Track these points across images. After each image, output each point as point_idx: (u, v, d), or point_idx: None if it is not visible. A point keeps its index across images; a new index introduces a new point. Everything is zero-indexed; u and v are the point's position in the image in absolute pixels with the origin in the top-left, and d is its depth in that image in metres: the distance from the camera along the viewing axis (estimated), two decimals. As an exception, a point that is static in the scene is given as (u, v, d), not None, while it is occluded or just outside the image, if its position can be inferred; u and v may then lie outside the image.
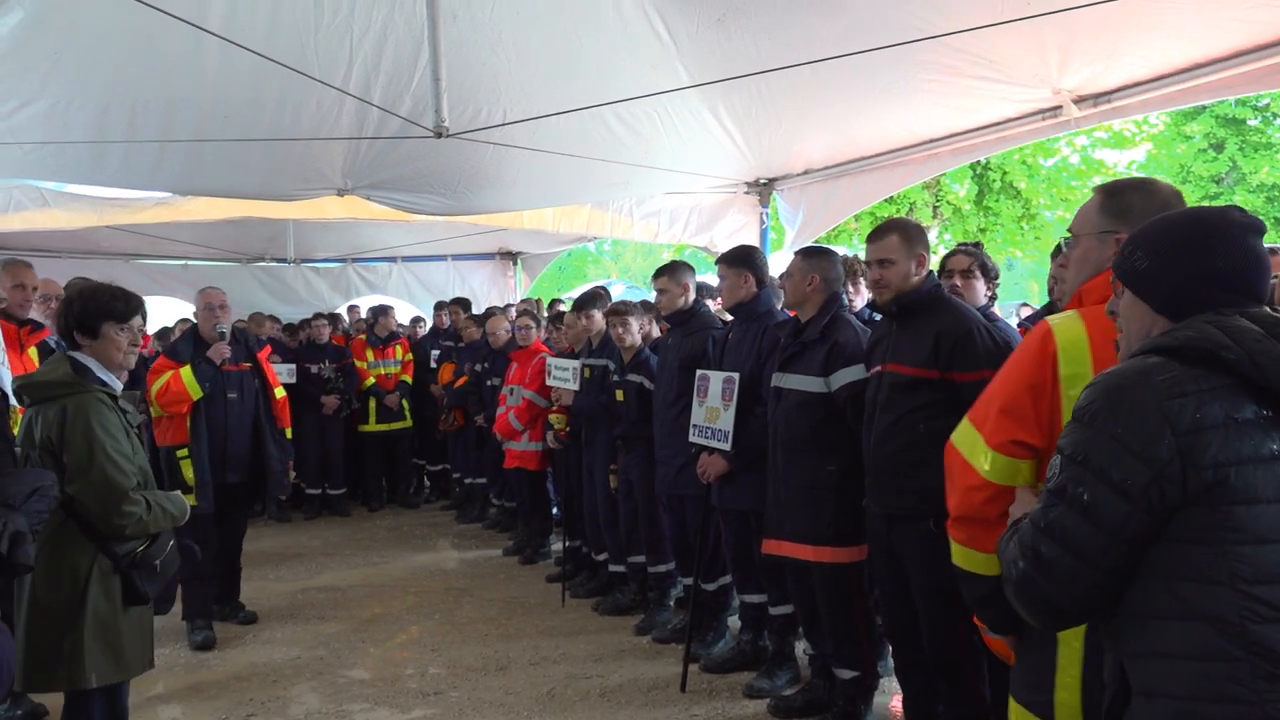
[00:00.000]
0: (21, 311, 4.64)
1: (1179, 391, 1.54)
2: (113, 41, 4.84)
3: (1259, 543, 1.51)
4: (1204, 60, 4.18)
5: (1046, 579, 1.61)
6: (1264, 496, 1.52)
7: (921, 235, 3.72)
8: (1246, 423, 1.53)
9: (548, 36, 5.31)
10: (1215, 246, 1.69)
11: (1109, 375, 1.64)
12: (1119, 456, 1.55)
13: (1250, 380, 1.54)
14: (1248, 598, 1.50)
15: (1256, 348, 1.54)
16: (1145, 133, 18.32)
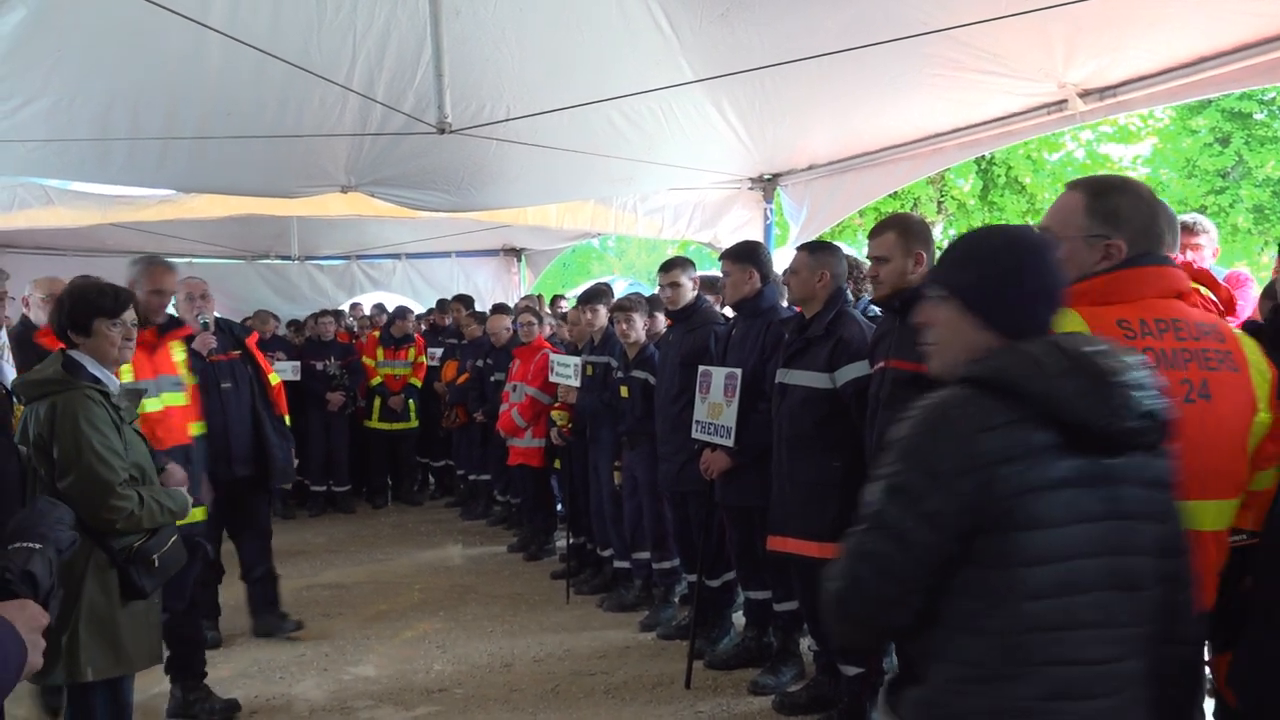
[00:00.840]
0: (155, 317, 4.55)
1: (987, 425, 1.64)
2: (115, 39, 4.84)
3: (1036, 564, 1.63)
4: (1210, 54, 4.16)
5: (861, 599, 1.72)
6: (1044, 522, 1.63)
7: (921, 233, 3.70)
8: (1040, 449, 1.64)
9: (550, 32, 5.31)
10: (1029, 266, 1.82)
11: (928, 408, 1.72)
12: (931, 489, 1.65)
13: (1048, 410, 1.65)
14: (1017, 613, 1.63)
15: (1056, 383, 1.65)
16: (1150, 127, 18.30)
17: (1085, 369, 1.66)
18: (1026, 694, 1.64)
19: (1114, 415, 1.65)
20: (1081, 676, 1.66)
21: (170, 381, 4.55)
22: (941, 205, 16.59)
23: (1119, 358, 1.71)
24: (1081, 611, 1.65)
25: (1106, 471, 1.68)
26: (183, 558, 3.42)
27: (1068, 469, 1.65)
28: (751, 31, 5.03)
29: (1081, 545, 1.65)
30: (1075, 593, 1.65)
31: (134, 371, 4.28)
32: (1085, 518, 1.66)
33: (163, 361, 4.54)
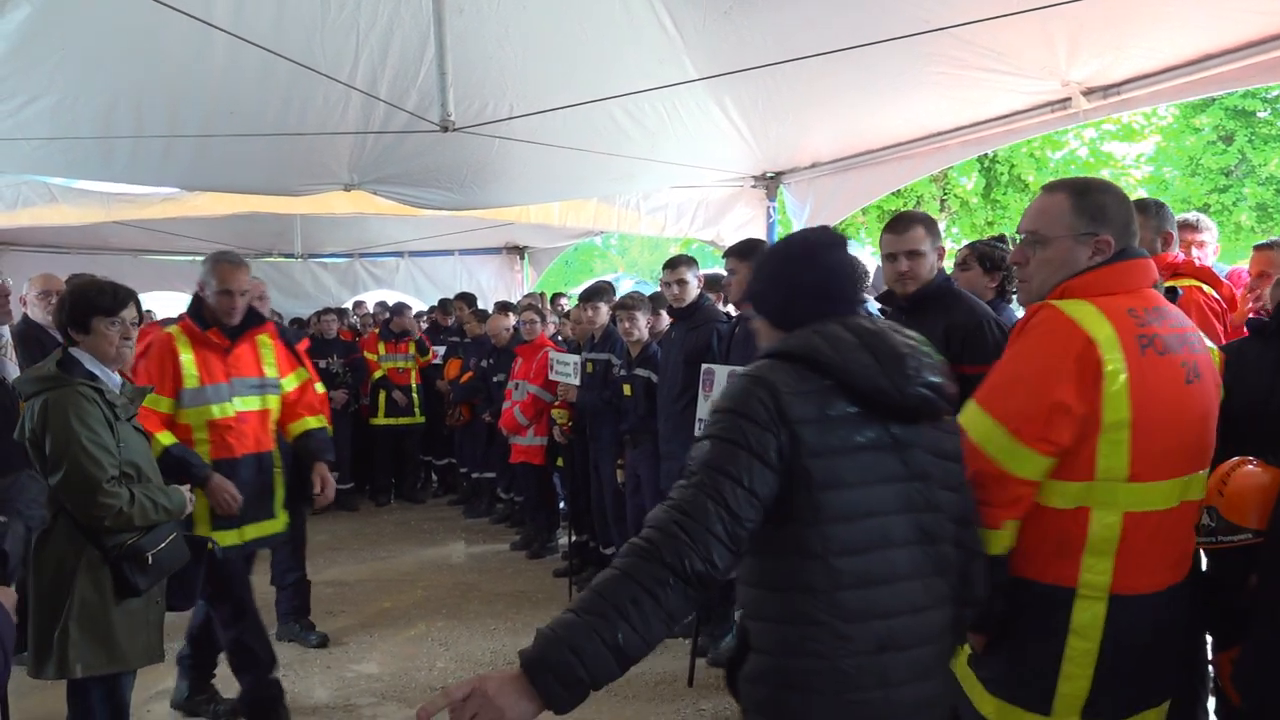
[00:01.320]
0: (227, 318, 4.23)
1: (789, 389, 1.79)
2: (119, 37, 4.85)
3: (843, 521, 1.78)
4: (1213, 51, 4.16)
5: (716, 549, 1.72)
6: (847, 481, 1.79)
7: (938, 227, 3.73)
8: (838, 418, 1.81)
9: (553, 30, 5.31)
10: (806, 264, 1.99)
11: (745, 375, 1.86)
12: (757, 433, 1.76)
13: (843, 382, 1.81)
14: (834, 569, 1.76)
15: (849, 355, 1.82)
16: (1154, 125, 18.27)
17: (873, 345, 1.84)
18: (858, 648, 1.76)
19: (902, 385, 1.83)
20: (904, 627, 1.80)
21: (247, 384, 4.30)
22: (945, 203, 16.57)
23: (902, 337, 1.91)
24: (896, 565, 1.81)
25: (902, 438, 1.86)
26: (184, 556, 3.42)
27: (867, 435, 1.83)
28: (755, 29, 5.03)
29: (888, 503, 1.82)
30: (888, 547, 1.81)
31: (203, 375, 4.14)
32: (889, 478, 1.83)
33: (240, 363, 4.29)
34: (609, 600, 1.68)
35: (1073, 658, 2.10)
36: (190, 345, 4.17)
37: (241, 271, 4.26)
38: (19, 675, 3.68)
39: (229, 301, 4.21)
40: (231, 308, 4.22)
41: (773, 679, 1.81)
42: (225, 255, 4.34)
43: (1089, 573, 2.09)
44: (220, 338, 4.22)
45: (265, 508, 4.36)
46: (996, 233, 9.66)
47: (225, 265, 4.23)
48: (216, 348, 4.21)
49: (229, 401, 4.20)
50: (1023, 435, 2.06)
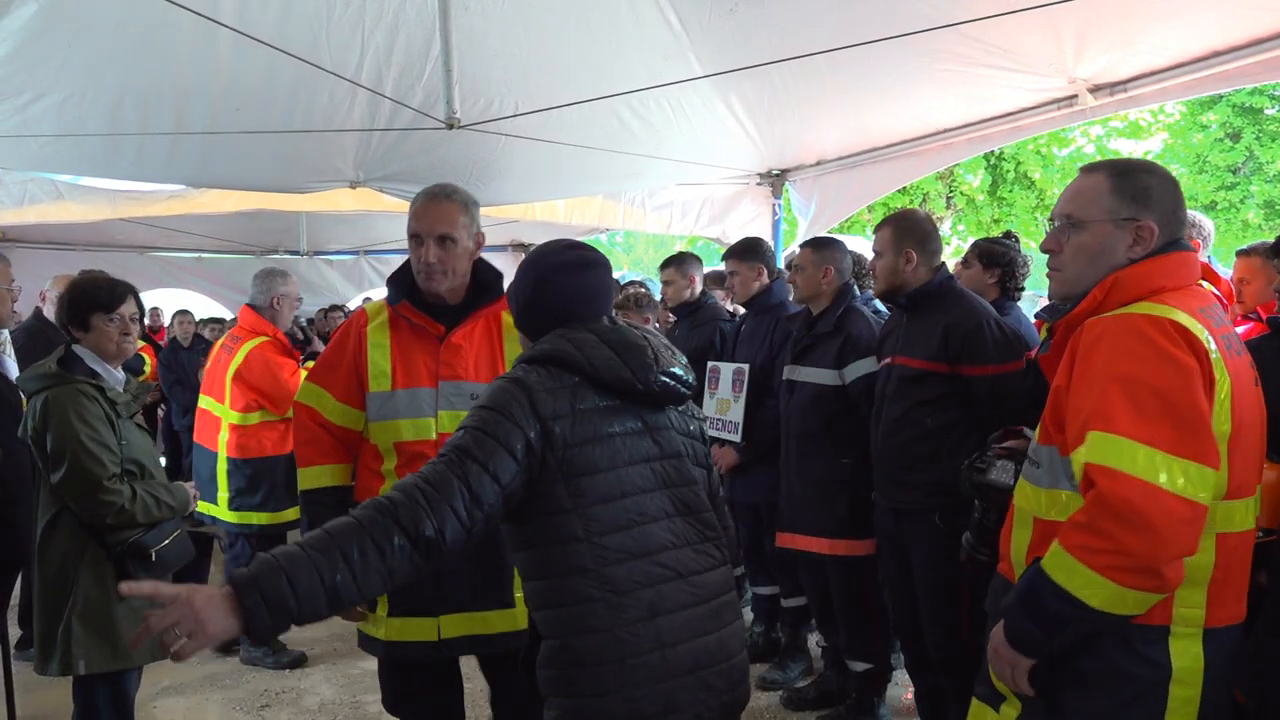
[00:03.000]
0: (433, 286, 2.87)
1: (542, 388, 1.97)
2: (125, 34, 4.85)
3: (603, 503, 1.95)
4: (1221, 48, 4.14)
5: (449, 522, 1.84)
6: (602, 466, 1.97)
7: (913, 231, 3.61)
8: (589, 410, 1.99)
9: (559, 27, 5.30)
10: (544, 286, 2.15)
11: (501, 381, 2.02)
12: (506, 428, 1.91)
13: (590, 377, 2.01)
14: (599, 547, 1.93)
15: (592, 352, 2.02)
16: (1161, 122, 18.22)
17: (613, 342, 2.04)
18: (632, 616, 1.92)
19: (644, 374, 2.02)
20: (674, 591, 1.97)
21: (462, 393, 2.85)
22: (951, 201, 16.54)
23: (640, 333, 2.11)
24: (656, 537, 1.99)
25: (652, 421, 2.08)
26: (189, 553, 3.43)
27: (621, 423, 2.03)
28: (760, 26, 5.02)
29: (642, 481, 2.01)
30: (646, 522, 1.99)
31: (397, 374, 2.85)
32: (642, 459, 2.03)
33: (457, 360, 2.88)
34: (337, 543, 1.77)
35: (1176, 709, 1.87)
36: (387, 329, 2.88)
37: (448, 208, 2.79)
38: (25, 671, 3.70)
39: (427, 255, 2.76)
40: (433, 268, 2.77)
41: (561, 658, 1.94)
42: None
43: (1183, 606, 1.87)
44: (429, 321, 2.84)
45: (490, 586, 2.80)
46: (1003, 230, 9.65)
47: (421, 199, 2.86)
48: (424, 335, 2.86)
49: (431, 416, 2.80)
50: (1199, 454, 1.78)
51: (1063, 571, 1.80)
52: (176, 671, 4.89)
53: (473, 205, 2.87)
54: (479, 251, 2.91)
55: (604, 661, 1.91)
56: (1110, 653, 1.90)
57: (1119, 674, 1.89)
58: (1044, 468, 2.03)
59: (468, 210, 2.84)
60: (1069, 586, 1.79)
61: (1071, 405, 1.91)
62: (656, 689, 1.92)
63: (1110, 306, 1.97)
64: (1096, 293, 1.99)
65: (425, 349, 2.85)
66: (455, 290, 2.86)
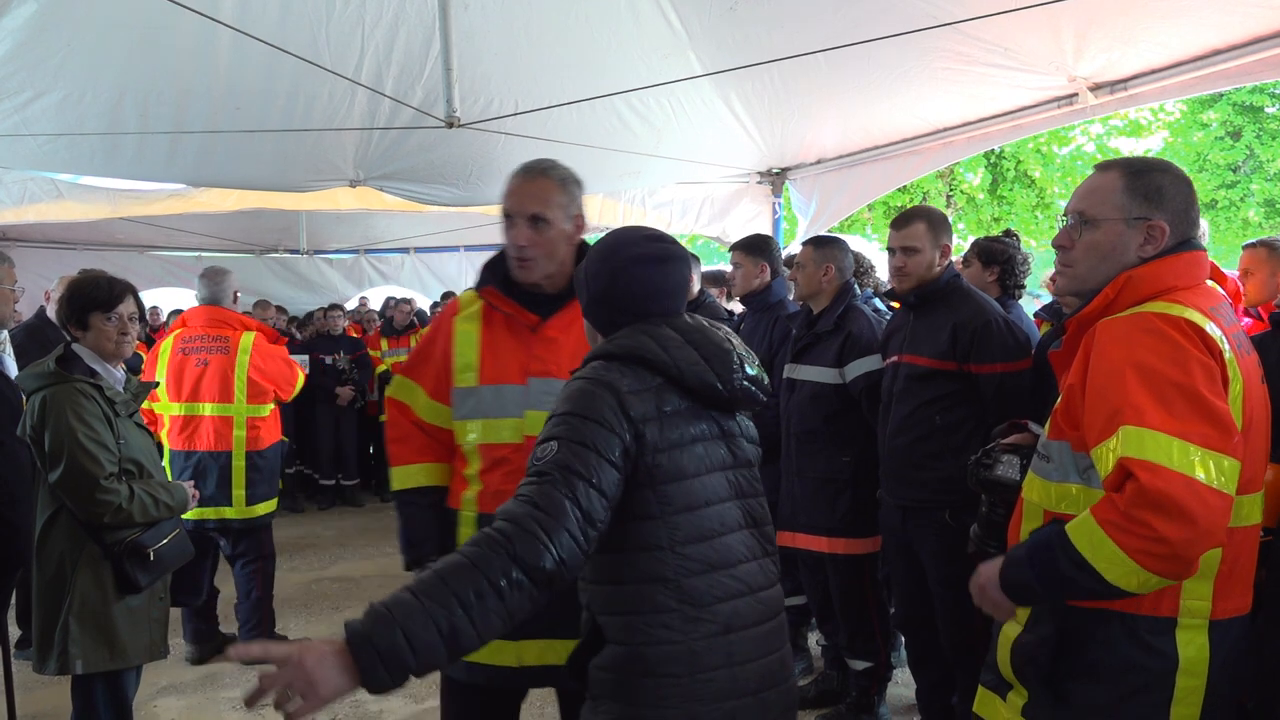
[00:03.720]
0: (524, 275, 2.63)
1: (629, 389, 1.86)
2: (125, 33, 4.85)
3: (687, 510, 1.87)
4: (1221, 47, 4.13)
5: (569, 532, 1.72)
6: (689, 473, 1.88)
7: (946, 225, 3.69)
8: (673, 414, 1.89)
9: (559, 26, 5.30)
10: (621, 275, 2.01)
11: (581, 381, 1.90)
12: (603, 436, 1.80)
13: (673, 379, 1.90)
14: (681, 557, 1.84)
15: (679, 355, 1.91)
16: (1161, 120, 18.23)
17: (697, 343, 1.94)
18: (706, 630, 1.84)
19: (728, 379, 1.93)
20: (747, 607, 1.90)
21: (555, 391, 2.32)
22: (951, 199, 16.54)
23: (721, 334, 2.00)
24: (734, 549, 1.91)
25: (726, 428, 1.99)
26: (188, 552, 3.43)
27: (699, 427, 1.93)
28: (760, 25, 5.01)
29: (721, 490, 1.93)
30: (725, 533, 1.91)
31: (485, 367, 2.59)
32: (720, 466, 1.95)
33: (550, 354, 2.59)
34: (452, 588, 1.62)
35: (1182, 699, 1.89)
36: (478, 319, 2.63)
37: (543, 185, 2.55)
38: (25, 670, 3.71)
39: (517, 238, 2.50)
40: (524, 251, 2.51)
41: (627, 666, 1.84)
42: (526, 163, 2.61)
43: (1190, 598, 1.89)
44: (519, 309, 2.58)
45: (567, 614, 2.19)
46: (1003, 228, 9.66)
47: (515, 175, 2.57)
48: (516, 326, 2.59)
49: (518, 416, 2.53)
50: (1228, 448, 1.78)
51: (1088, 542, 1.80)
52: (175, 671, 4.89)
53: (572, 183, 2.60)
54: (581, 234, 2.63)
55: (673, 674, 1.82)
56: (1117, 643, 1.91)
57: (1126, 664, 1.91)
58: (1055, 462, 2.03)
59: (565, 188, 2.56)
60: (1090, 557, 1.79)
61: (1091, 402, 1.90)
62: (721, 706, 1.84)
63: (1122, 305, 1.97)
64: (1108, 291, 1.99)
65: (516, 341, 2.57)
66: (553, 277, 2.56)
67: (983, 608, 2.06)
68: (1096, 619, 1.93)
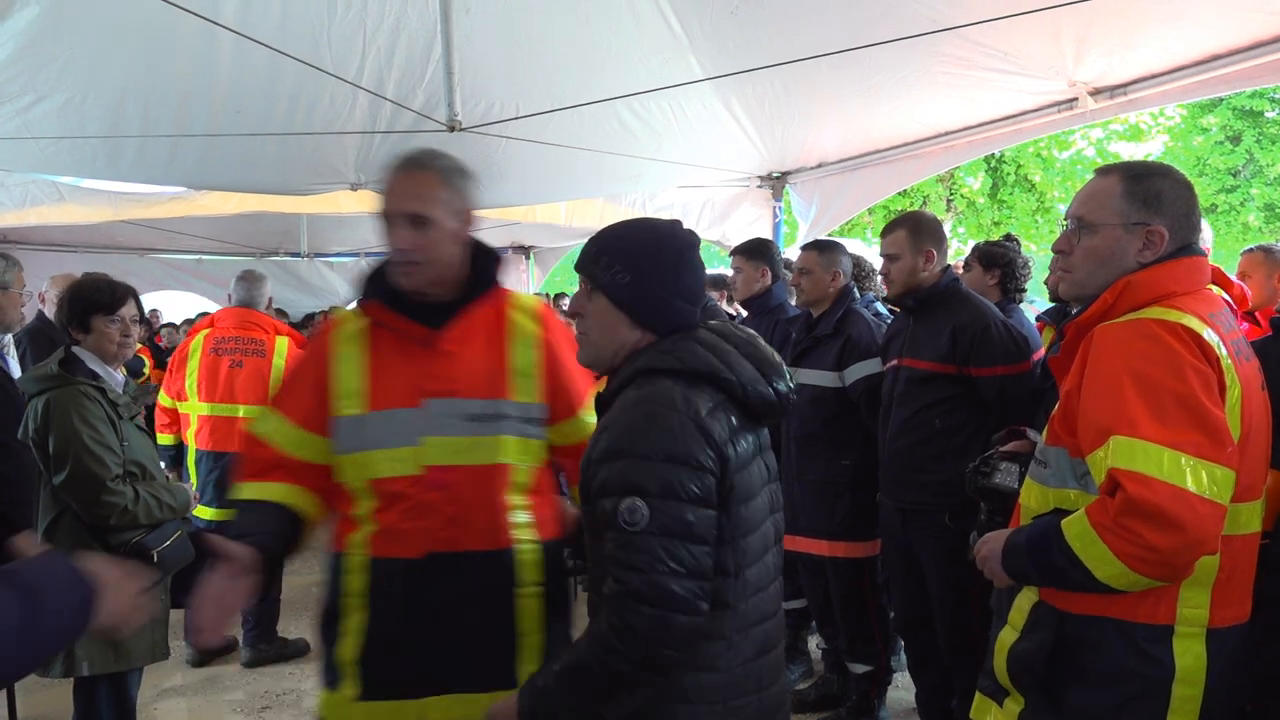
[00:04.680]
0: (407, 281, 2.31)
1: (703, 410, 1.70)
2: (127, 36, 4.86)
3: (751, 532, 1.76)
4: (1221, 52, 4.14)
5: (686, 613, 1.63)
6: (755, 492, 1.78)
7: (931, 230, 3.70)
8: (738, 430, 1.75)
9: (560, 30, 5.31)
10: (684, 264, 1.86)
11: (643, 406, 1.71)
12: (690, 474, 1.64)
13: (736, 397, 1.76)
14: (745, 583, 1.74)
15: (740, 370, 1.77)
16: (1161, 125, 18.26)
17: (752, 355, 1.81)
18: (745, 655, 1.75)
19: (783, 393, 1.82)
20: (774, 629, 1.83)
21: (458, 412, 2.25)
22: (951, 203, 16.56)
23: (763, 342, 1.88)
24: (770, 569, 1.83)
25: (763, 441, 1.87)
26: (189, 554, 3.44)
27: (752, 443, 1.80)
28: (761, 29, 5.03)
29: (764, 509, 1.82)
30: (767, 551, 1.82)
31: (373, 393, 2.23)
32: (761, 482, 1.83)
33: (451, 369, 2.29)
34: (586, 694, 1.67)
35: (1178, 708, 1.89)
36: (361, 337, 2.28)
37: (423, 180, 2.24)
38: (26, 672, 3.70)
39: (399, 240, 2.18)
40: (406, 256, 2.18)
41: (664, 691, 1.71)
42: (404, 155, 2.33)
43: (1187, 606, 1.88)
44: (408, 323, 2.24)
45: (497, 661, 2.19)
46: (1003, 233, 9.67)
47: (391, 170, 2.29)
48: (406, 342, 2.25)
49: (417, 444, 2.19)
50: (1221, 457, 1.78)
51: (1080, 540, 1.81)
52: (178, 673, 4.90)
53: (457, 175, 2.28)
54: (469, 231, 2.29)
55: (710, 701, 1.73)
56: (1114, 651, 1.91)
57: (1122, 672, 1.90)
58: (1052, 468, 2.03)
59: (449, 182, 2.24)
60: (1082, 555, 1.81)
61: (1086, 409, 1.90)
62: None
63: (1120, 310, 1.97)
64: (1107, 296, 1.99)
65: (408, 359, 2.22)
66: (442, 283, 2.24)
67: (985, 571, 2.10)
68: (1093, 626, 1.92)
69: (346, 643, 2.18)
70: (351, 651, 2.18)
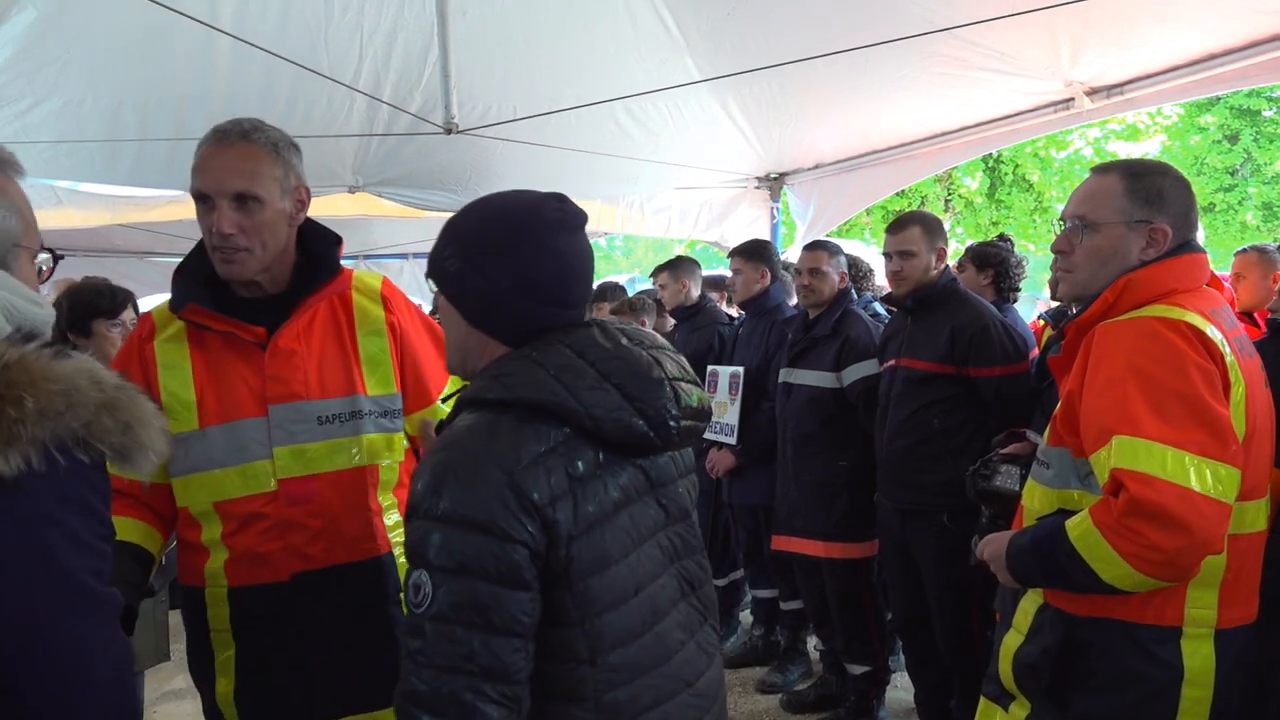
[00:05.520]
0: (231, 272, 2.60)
1: (528, 459, 1.34)
2: (124, 40, 4.86)
3: (614, 608, 1.39)
4: (1218, 51, 4.15)
5: None
6: (613, 557, 1.39)
7: (941, 229, 3.73)
8: (587, 478, 1.38)
9: (557, 32, 5.31)
10: (539, 249, 1.47)
11: (449, 451, 1.36)
12: (502, 549, 1.30)
13: (586, 430, 1.38)
14: (606, 670, 1.38)
15: (592, 399, 1.38)
16: (1159, 124, 18.26)
17: (616, 375, 1.41)
18: None
19: (662, 423, 1.42)
20: (682, 706, 1.48)
21: (308, 415, 2.15)
22: (949, 203, 16.57)
23: (646, 351, 1.48)
24: (668, 639, 1.46)
25: (656, 475, 1.49)
26: None
27: (622, 485, 1.43)
28: (758, 31, 5.03)
29: (651, 566, 1.46)
30: (658, 621, 1.46)
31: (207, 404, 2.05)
32: (649, 530, 1.46)
33: (293, 369, 2.15)
34: None
35: (1188, 710, 1.87)
36: (183, 341, 2.04)
37: (246, 152, 1.94)
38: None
39: (219, 225, 1.92)
40: (230, 242, 1.93)
41: None
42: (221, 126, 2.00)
43: (1195, 607, 1.87)
44: (238, 324, 2.00)
45: (386, 677, 1.82)
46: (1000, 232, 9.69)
47: (206, 143, 1.97)
48: (238, 344, 2.01)
49: (265, 458, 2.01)
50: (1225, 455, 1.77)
51: (1084, 541, 1.80)
52: (178, 676, 4.89)
53: (286, 147, 1.99)
54: (303, 212, 2.05)
55: None
56: (1121, 653, 1.90)
57: (1130, 675, 1.89)
58: (1055, 469, 2.02)
59: (279, 154, 1.96)
60: (1086, 556, 1.79)
61: (1088, 408, 1.89)
62: None
63: (1121, 309, 1.96)
64: (1108, 294, 1.97)
65: (244, 362, 1.98)
66: (274, 272, 2.01)
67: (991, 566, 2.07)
68: (1100, 628, 1.91)
69: (221, 682, 2.05)
70: (228, 689, 2.04)
